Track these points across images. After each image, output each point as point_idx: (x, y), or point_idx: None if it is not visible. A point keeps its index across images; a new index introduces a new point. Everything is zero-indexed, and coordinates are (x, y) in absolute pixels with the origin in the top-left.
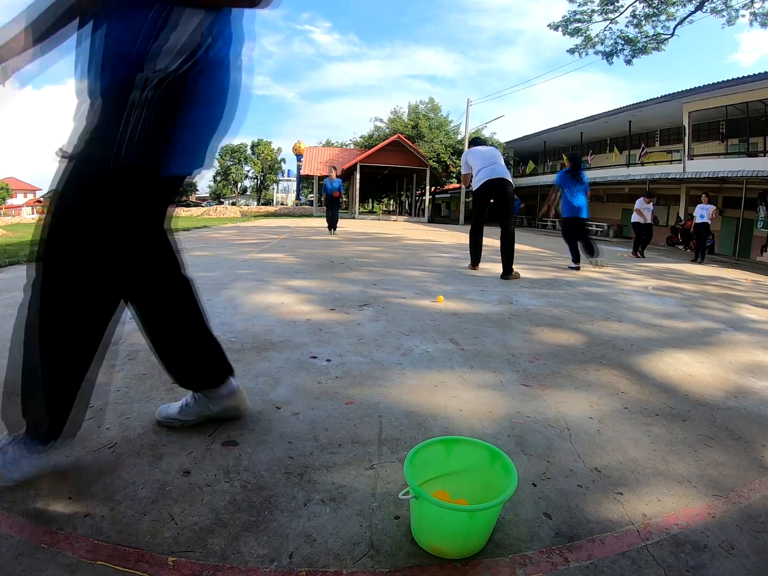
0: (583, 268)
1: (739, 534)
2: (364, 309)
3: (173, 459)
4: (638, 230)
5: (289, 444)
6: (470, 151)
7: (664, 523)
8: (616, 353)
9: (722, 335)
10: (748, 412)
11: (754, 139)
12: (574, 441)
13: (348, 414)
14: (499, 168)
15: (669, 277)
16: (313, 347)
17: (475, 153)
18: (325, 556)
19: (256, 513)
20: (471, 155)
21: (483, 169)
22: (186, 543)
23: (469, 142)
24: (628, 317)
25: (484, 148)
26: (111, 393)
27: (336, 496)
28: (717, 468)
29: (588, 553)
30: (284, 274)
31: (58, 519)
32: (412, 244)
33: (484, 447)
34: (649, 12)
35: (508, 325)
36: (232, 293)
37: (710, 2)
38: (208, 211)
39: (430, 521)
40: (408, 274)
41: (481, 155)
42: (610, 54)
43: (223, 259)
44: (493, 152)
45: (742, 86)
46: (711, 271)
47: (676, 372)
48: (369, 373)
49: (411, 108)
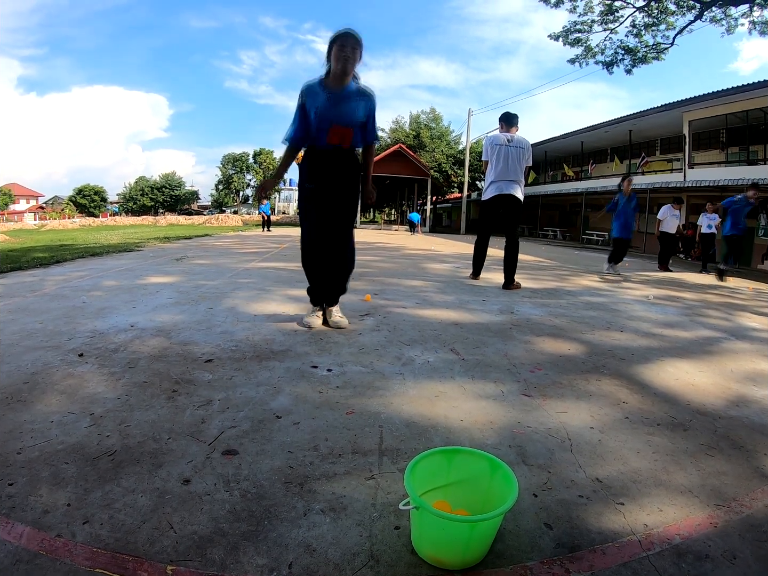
0: (585, 277)
1: (741, 543)
2: (365, 319)
3: (173, 467)
4: (666, 241)
5: (290, 453)
6: (493, 141)
7: (665, 533)
8: (617, 363)
9: (723, 344)
10: (750, 421)
11: (754, 147)
12: (575, 451)
13: (348, 424)
14: (513, 186)
15: (670, 286)
16: (314, 357)
17: (496, 150)
18: (325, 567)
19: (255, 522)
20: (491, 148)
21: (494, 183)
22: (185, 552)
23: (499, 119)
24: (629, 326)
25: (507, 143)
26: (111, 401)
27: (336, 506)
28: (719, 477)
29: (589, 563)
30: (285, 283)
31: (57, 526)
32: (413, 253)
33: (485, 457)
34: (648, 22)
35: (509, 335)
36: (233, 302)
37: (709, 11)
38: (210, 219)
39: (431, 532)
40: (409, 283)
41: (498, 160)
42: (611, 64)
43: (224, 267)
44: (514, 156)
45: (742, 95)
46: (712, 279)
47: (678, 381)
48: (370, 383)
49: (412, 118)
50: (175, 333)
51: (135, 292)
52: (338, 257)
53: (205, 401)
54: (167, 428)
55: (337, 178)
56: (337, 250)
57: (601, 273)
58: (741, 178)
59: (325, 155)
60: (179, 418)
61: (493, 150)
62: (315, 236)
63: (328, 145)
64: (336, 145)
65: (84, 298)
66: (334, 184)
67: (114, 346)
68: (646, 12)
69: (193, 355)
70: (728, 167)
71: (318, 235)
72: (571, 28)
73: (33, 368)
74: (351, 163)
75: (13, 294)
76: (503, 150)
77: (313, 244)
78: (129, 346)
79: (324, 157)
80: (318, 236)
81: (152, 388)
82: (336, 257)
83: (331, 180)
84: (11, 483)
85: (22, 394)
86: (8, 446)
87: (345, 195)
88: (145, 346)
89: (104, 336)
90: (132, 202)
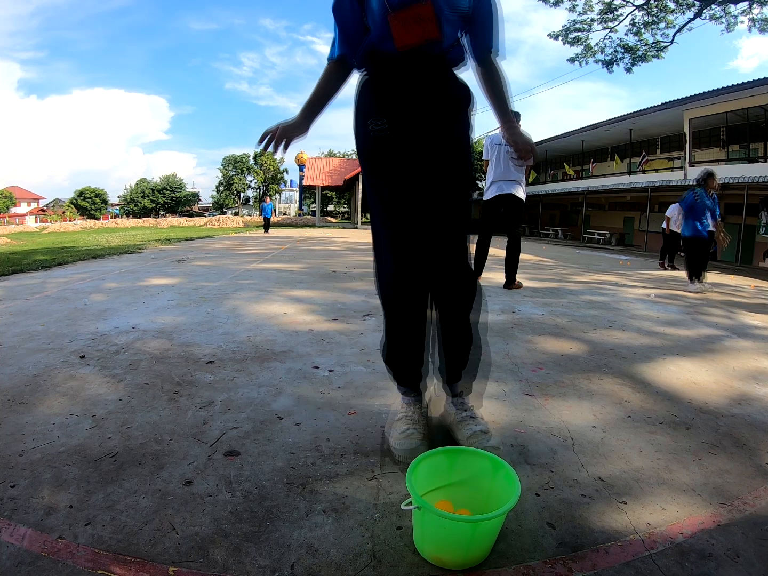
0: (586, 276)
1: (745, 542)
2: (367, 319)
3: (175, 469)
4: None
5: (291, 454)
6: (494, 141)
7: (668, 532)
8: (619, 362)
9: (725, 342)
10: (753, 419)
11: (754, 144)
12: (578, 450)
13: (350, 424)
14: (514, 185)
15: (671, 284)
16: (315, 357)
17: (497, 149)
18: (327, 567)
19: (257, 523)
20: (492, 147)
21: (496, 183)
22: (187, 553)
23: None
24: (631, 325)
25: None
26: (113, 402)
27: (338, 507)
28: (721, 476)
29: (592, 563)
30: (286, 284)
31: (59, 527)
32: None
33: (487, 457)
34: (648, 20)
35: (511, 334)
36: (234, 303)
37: (709, 9)
38: (211, 221)
39: (433, 532)
40: None
41: (499, 159)
42: (610, 62)
43: (225, 268)
44: None
45: (742, 92)
46: (713, 277)
47: (680, 380)
48: (371, 384)
49: None
50: (176, 334)
51: (136, 293)
52: (446, 285)
53: (207, 402)
54: (169, 429)
55: (425, 113)
56: (443, 270)
57: (686, 288)
58: (742, 176)
59: (398, 68)
60: (181, 419)
61: (494, 149)
62: (400, 237)
63: (399, 50)
64: (412, 47)
65: (85, 300)
66: (420, 124)
67: (115, 347)
68: (645, 10)
69: (194, 356)
70: (729, 165)
71: (404, 235)
72: (570, 27)
73: (35, 370)
74: (449, 83)
75: (14, 296)
76: (504, 149)
77: (399, 255)
78: (130, 348)
79: (396, 73)
80: (405, 237)
81: (154, 390)
82: (442, 286)
83: (414, 117)
84: (13, 485)
85: (24, 397)
86: (10, 448)
87: (443, 149)
88: (146, 347)
89: (106, 338)
90: (133, 204)
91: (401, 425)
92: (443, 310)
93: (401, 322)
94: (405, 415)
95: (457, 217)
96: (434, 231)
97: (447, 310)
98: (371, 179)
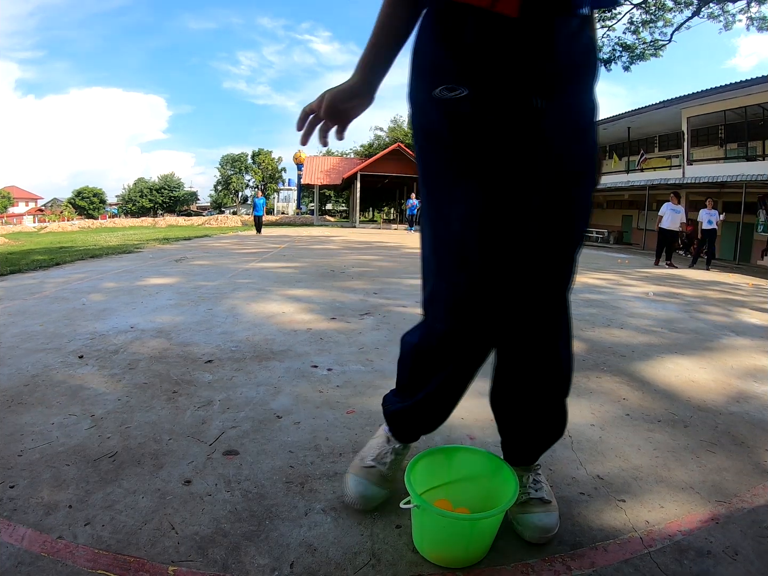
0: (584, 274)
1: (743, 539)
2: (365, 318)
3: (174, 468)
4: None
5: (290, 453)
6: None
7: (667, 529)
8: (618, 360)
9: (724, 340)
10: (751, 417)
11: (752, 143)
12: (576, 448)
13: (349, 423)
14: None
15: (670, 282)
16: (314, 356)
17: None
18: (326, 566)
19: (257, 522)
20: None
21: None
22: (187, 552)
23: None
24: (629, 323)
25: None
26: (111, 402)
27: (337, 506)
28: (720, 474)
29: (590, 560)
30: (285, 283)
31: (59, 528)
32: (413, 252)
33: (486, 455)
34: (646, 18)
35: None
36: (233, 302)
37: (707, 8)
38: (209, 220)
39: (432, 530)
40: (409, 282)
41: None
42: (608, 61)
43: (224, 268)
44: None
45: (741, 91)
46: (712, 275)
47: (678, 378)
48: (370, 382)
49: None
50: (175, 334)
51: (135, 293)
52: (539, 342)
53: (206, 402)
54: (168, 429)
55: (534, 83)
56: (539, 320)
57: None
58: (740, 174)
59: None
60: (180, 418)
61: None
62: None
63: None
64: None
65: (84, 300)
66: (523, 102)
67: (114, 347)
68: (643, 9)
69: (193, 355)
70: (727, 163)
71: (485, 265)
72: None
73: (33, 370)
74: (580, 37)
75: (13, 297)
76: None
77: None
78: (129, 348)
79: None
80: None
81: (152, 389)
82: (534, 342)
83: (516, 88)
84: (12, 485)
85: (22, 397)
86: (9, 448)
87: (562, 148)
88: (145, 347)
89: (104, 338)
90: (131, 203)
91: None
92: (528, 391)
93: (443, 385)
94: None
95: (569, 255)
96: (534, 274)
97: (534, 392)
98: (446, 174)
